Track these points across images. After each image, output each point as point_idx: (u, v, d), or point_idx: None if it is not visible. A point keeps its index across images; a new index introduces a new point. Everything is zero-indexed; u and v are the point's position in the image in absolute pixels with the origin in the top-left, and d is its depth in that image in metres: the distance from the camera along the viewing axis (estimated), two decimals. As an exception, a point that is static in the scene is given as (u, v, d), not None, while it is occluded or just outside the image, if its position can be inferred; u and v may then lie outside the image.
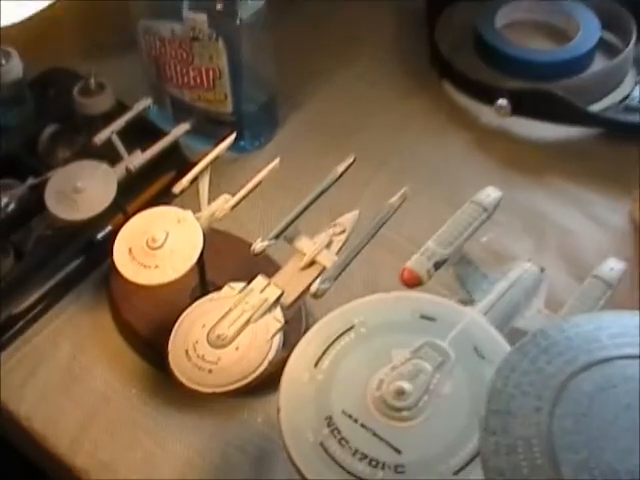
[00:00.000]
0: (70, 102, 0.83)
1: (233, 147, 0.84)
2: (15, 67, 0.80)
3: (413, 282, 0.61)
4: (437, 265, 0.61)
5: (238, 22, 0.76)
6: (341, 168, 0.67)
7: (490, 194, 0.63)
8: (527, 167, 0.84)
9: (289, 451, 0.52)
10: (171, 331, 0.61)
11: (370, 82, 0.92)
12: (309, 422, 0.53)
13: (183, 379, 0.59)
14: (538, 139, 0.87)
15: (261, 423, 0.68)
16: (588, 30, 0.92)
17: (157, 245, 0.64)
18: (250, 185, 0.67)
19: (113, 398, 0.69)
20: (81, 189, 0.70)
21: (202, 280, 0.72)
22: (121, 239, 0.65)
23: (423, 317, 0.57)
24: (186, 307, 0.72)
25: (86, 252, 0.78)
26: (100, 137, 0.72)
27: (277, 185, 0.83)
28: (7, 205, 0.79)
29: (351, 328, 0.57)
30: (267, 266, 0.68)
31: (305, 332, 0.67)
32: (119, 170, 0.71)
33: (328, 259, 0.63)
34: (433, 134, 0.87)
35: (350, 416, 0.52)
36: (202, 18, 0.76)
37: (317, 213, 0.65)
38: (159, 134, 0.77)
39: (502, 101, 0.85)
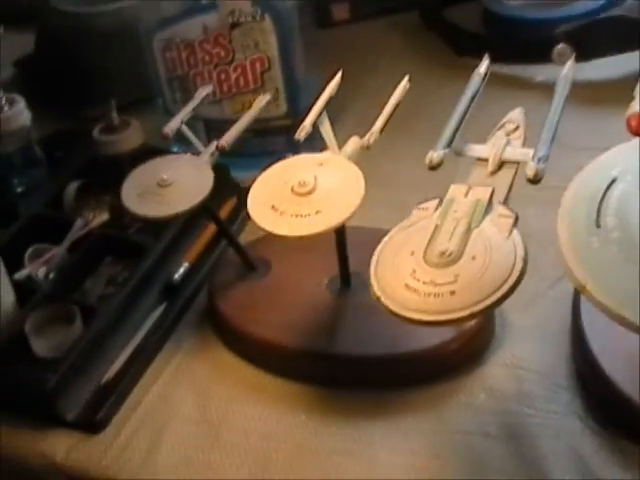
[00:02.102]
0: (90, 152, 0.69)
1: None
2: (21, 114, 0.66)
3: (647, 126, 0.49)
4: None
5: (284, -10, 0.66)
6: (482, 69, 0.56)
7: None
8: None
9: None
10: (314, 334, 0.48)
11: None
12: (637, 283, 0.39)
13: (424, 317, 0.43)
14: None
15: (486, 400, 0.51)
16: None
17: (309, 188, 0.49)
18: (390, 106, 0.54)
19: (282, 436, 0.51)
20: (169, 181, 0.54)
21: (343, 265, 0.56)
22: (255, 201, 0.50)
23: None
24: (326, 303, 0.57)
25: (167, 298, 0.61)
26: (171, 127, 0.58)
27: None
28: (47, 275, 0.62)
29: (614, 181, 0.44)
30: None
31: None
32: (205, 156, 0.57)
33: (521, 153, 0.50)
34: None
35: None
36: (243, -7, 0.65)
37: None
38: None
39: (561, 46, 0.78)
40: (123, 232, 0.64)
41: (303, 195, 0.49)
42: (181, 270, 0.62)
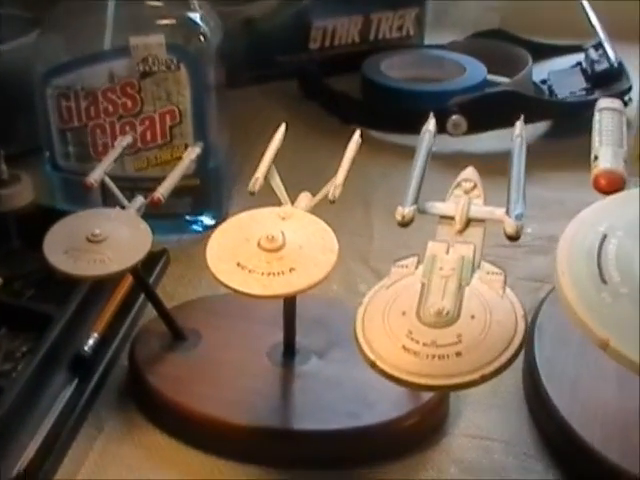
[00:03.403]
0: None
1: (195, 225, 0.68)
2: None
3: (616, 185, 0.48)
4: (625, 162, 0.50)
5: (202, 39, 0.62)
6: (430, 127, 0.54)
7: (613, 101, 0.55)
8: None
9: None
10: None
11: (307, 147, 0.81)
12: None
13: (431, 381, 0.39)
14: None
15: (458, 473, 0.47)
16: (474, 70, 0.91)
17: (279, 244, 0.44)
18: (347, 159, 0.51)
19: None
20: (102, 237, 0.47)
21: (290, 334, 0.51)
22: (216, 259, 0.44)
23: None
24: (271, 375, 0.52)
25: (78, 374, 0.53)
26: (94, 177, 0.51)
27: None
28: None
29: (605, 237, 0.43)
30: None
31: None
32: (132, 211, 0.50)
33: (487, 212, 0.48)
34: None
35: None
36: (159, 40, 0.59)
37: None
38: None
39: (456, 117, 0.79)
40: (19, 299, 0.56)
41: (272, 251, 0.44)
42: (90, 341, 0.54)
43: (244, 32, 0.93)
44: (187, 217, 0.67)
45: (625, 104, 0.82)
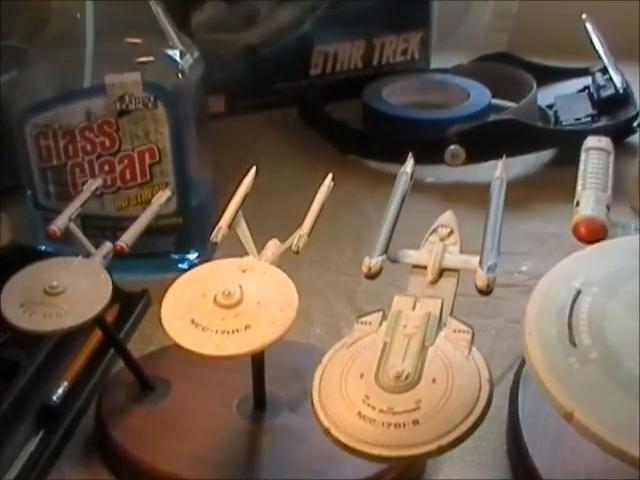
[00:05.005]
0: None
1: (181, 263, 0.66)
2: None
3: (597, 234, 0.46)
4: (608, 209, 0.47)
5: (180, 76, 0.60)
6: (408, 169, 0.52)
7: (600, 140, 0.53)
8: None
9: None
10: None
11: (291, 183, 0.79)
12: (628, 410, 0.35)
13: (385, 452, 0.36)
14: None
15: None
16: (479, 95, 0.88)
17: (235, 300, 0.42)
18: (317, 206, 0.49)
19: None
20: (59, 289, 0.46)
21: (259, 387, 0.49)
22: (170, 316, 0.43)
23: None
24: (239, 430, 0.50)
25: (45, 425, 0.51)
26: (58, 225, 0.50)
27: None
28: None
29: (578, 294, 0.41)
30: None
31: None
32: (97, 259, 0.49)
33: (462, 261, 0.46)
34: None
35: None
36: (135, 78, 0.58)
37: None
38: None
39: (455, 147, 0.76)
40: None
41: (228, 308, 0.42)
42: (59, 391, 0.53)
43: (244, 59, 0.92)
44: (173, 255, 0.66)
45: (633, 132, 0.79)
